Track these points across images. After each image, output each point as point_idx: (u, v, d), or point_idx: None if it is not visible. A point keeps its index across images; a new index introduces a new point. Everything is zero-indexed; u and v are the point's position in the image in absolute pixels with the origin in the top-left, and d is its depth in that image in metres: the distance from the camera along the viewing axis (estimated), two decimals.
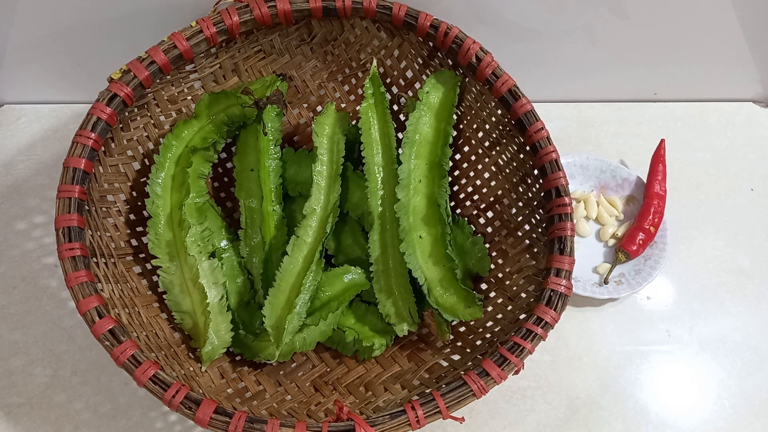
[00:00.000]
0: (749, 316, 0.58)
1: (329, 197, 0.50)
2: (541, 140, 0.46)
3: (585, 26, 0.62)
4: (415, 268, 0.49)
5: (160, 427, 0.50)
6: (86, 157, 0.42)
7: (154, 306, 0.49)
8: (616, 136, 0.69)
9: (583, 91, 0.70)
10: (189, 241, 0.48)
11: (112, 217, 0.48)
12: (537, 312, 0.42)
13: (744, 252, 0.62)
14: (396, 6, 0.49)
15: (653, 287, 0.59)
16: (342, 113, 0.53)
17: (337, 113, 0.53)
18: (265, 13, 0.48)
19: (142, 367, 0.38)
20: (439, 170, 0.51)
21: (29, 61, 0.62)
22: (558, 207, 0.45)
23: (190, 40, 0.46)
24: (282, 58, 0.54)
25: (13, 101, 0.67)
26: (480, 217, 0.55)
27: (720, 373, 0.55)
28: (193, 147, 0.49)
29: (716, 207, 0.64)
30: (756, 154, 0.68)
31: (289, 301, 0.47)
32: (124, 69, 0.45)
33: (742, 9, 0.61)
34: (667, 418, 0.53)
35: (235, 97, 0.50)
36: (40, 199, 0.61)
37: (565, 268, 0.43)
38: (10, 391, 0.51)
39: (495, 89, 0.48)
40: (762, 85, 0.70)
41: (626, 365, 0.55)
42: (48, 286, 0.56)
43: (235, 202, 0.57)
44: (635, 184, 0.63)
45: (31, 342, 0.54)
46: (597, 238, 0.62)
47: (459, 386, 0.39)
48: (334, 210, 0.50)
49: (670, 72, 0.68)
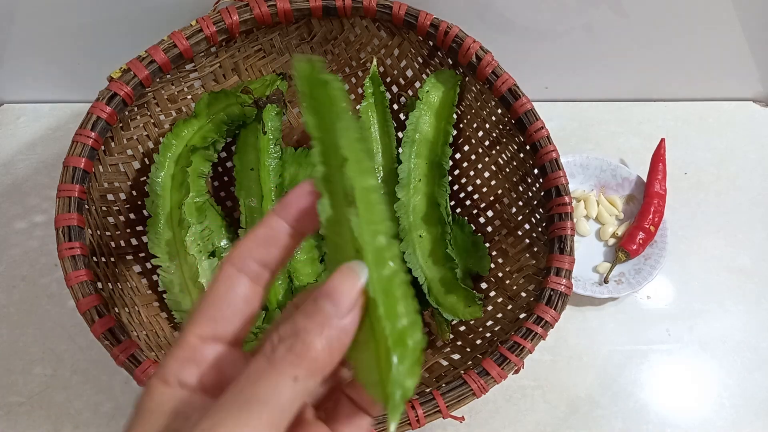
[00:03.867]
0: (749, 315, 0.58)
1: None
2: (541, 139, 0.46)
3: (585, 25, 0.62)
4: (415, 267, 0.49)
5: None
6: (86, 156, 0.42)
7: (154, 305, 0.49)
8: (616, 136, 0.69)
9: (584, 90, 0.70)
10: (189, 240, 0.48)
11: (112, 216, 0.48)
12: (537, 311, 0.42)
13: (744, 251, 0.62)
14: (396, 5, 0.49)
15: (653, 286, 0.59)
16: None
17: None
18: (265, 12, 0.47)
19: (142, 366, 0.38)
20: (439, 169, 0.51)
21: (29, 60, 0.62)
22: (558, 206, 0.45)
23: (190, 39, 0.46)
24: (282, 57, 0.54)
25: (13, 100, 0.67)
26: (480, 216, 0.55)
27: (720, 373, 0.55)
28: (192, 146, 0.49)
29: (716, 206, 0.64)
30: (756, 153, 0.68)
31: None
32: (124, 68, 0.45)
33: (742, 9, 0.61)
34: (667, 417, 0.53)
35: (235, 96, 0.50)
36: (40, 198, 0.60)
37: (565, 267, 0.43)
38: (10, 390, 0.51)
39: (495, 88, 0.48)
40: (762, 84, 0.70)
41: (626, 364, 0.55)
42: (48, 286, 0.56)
43: (235, 202, 0.57)
44: (635, 184, 0.63)
45: (31, 341, 0.54)
46: (597, 237, 0.62)
47: (459, 385, 0.39)
48: None
49: (670, 71, 0.68)
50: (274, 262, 0.21)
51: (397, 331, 0.19)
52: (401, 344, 0.19)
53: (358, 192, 0.20)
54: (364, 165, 0.20)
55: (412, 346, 0.19)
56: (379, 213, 0.20)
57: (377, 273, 0.20)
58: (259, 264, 0.21)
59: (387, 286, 0.20)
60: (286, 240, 0.21)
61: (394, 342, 0.19)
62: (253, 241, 0.21)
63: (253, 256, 0.21)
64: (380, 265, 0.20)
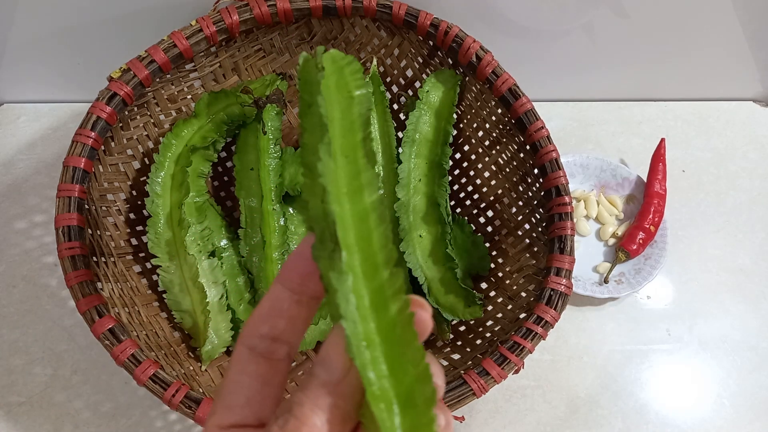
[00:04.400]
0: (749, 315, 0.58)
1: None
2: (541, 139, 0.46)
3: (585, 25, 0.62)
4: (415, 267, 0.49)
5: (160, 426, 0.50)
6: (86, 156, 0.42)
7: (154, 305, 0.49)
8: (616, 135, 0.69)
9: (584, 90, 0.70)
10: (189, 240, 0.48)
11: (111, 216, 0.48)
12: (537, 311, 0.42)
13: (744, 251, 0.62)
14: (396, 5, 0.49)
15: (653, 286, 0.59)
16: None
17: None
18: (265, 11, 0.47)
19: (142, 366, 0.38)
20: (439, 169, 0.51)
21: (29, 59, 0.62)
22: (558, 206, 0.45)
23: (190, 39, 0.46)
24: (282, 57, 0.54)
25: (13, 100, 0.67)
26: (480, 216, 0.55)
27: (720, 372, 0.55)
28: (192, 146, 0.49)
29: (716, 206, 0.64)
30: (756, 153, 0.68)
31: None
32: (124, 68, 0.45)
33: (742, 9, 0.61)
34: (667, 417, 0.53)
35: (235, 96, 0.50)
36: (40, 198, 0.60)
37: (565, 267, 0.43)
38: (10, 390, 0.51)
39: (495, 88, 0.48)
40: (762, 84, 0.70)
41: (626, 364, 0.55)
42: (48, 285, 0.56)
43: (235, 201, 0.57)
44: (635, 184, 0.63)
45: (31, 341, 0.54)
46: (597, 237, 0.62)
47: (459, 385, 0.39)
48: None
49: (670, 71, 0.68)
50: (285, 334, 0.20)
51: (405, 388, 0.17)
52: (410, 404, 0.17)
53: (347, 219, 0.17)
54: (358, 180, 0.18)
55: (421, 404, 0.17)
56: (378, 241, 0.18)
57: (376, 319, 0.17)
58: (268, 339, 0.20)
59: (390, 333, 0.18)
60: (292, 309, 0.20)
61: (402, 402, 0.17)
62: (258, 317, 0.20)
63: (260, 333, 0.20)
64: (380, 308, 0.18)
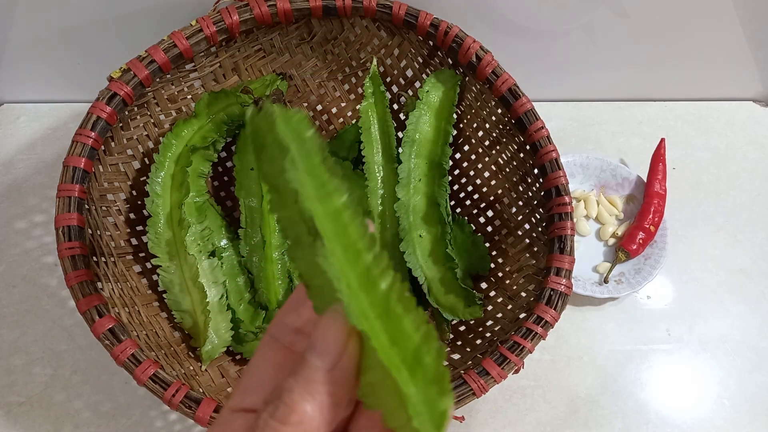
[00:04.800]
0: (749, 315, 0.58)
1: None
2: (541, 139, 0.46)
3: (585, 25, 0.62)
4: (415, 267, 0.49)
5: (160, 426, 0.50)
6: (86, 156, 0.42)
7: (154, 305, 0.49)
8: (616, 135, 0.69)
9: (584, 90, 0.70)
10: (189, 240, 0.48)
11: (111, 216, 0.48)
12: (537, 311, 0.42)
13: (744, 251, 0.62)
14: (396, 5, 0.49)
15: (653, 286, 0.59)
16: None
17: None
18: (265, 12, 0.47)
19: (142, 366, 0.38)
20: (439, 169, 0.51)
21: (29, 59, 0.62)
22: (558, 206, 0.45)
23: (190, 39, 0.46)
24: (282, 57, 0.54)
25: (13, 100, 0.67)
26: (480, 216, 0.55)
27: (720, 372, 0.55)
28: (192, 146, 0.49)
29: (716, 206, 0.64)
30: (756, 153, 0.68)
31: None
32: (124, 68, 0.45)
33: (742, 9, 0.61)
34: (667, 417, 0.53)
35: (235, 96, 0.50)
36: (40, 198, 0.60)
37: (565, 267, 0.43)
38: (10, 390, 0.51)
39: (495, 88, 0.48)
40: (762, 84, 0.70)
41: (626, 364, 0.55)
42: (48, 285, 0.56)
43: (235, 201, 0.57)
44: (635, 184, 0.63)
45: (31, 341, 0.54)
46: (597, 237, 0.62)
47: (459, 385, 0.39)
48: None
49: (670, 71, 0.68)
50: (308, 325, 0.20)
51: (411, 353, 0.17)
52: (418, 365, 0.17)
53: (321, 218, 0.18)
54: (325, 188, 0.18)
55: (431, 362, 0.17)
56: (356, 231, 0.18)
57: (368, 297, 0.18)
58: (292, 330, 0.20)
59: (384, 307, 0.18)
60: None
61: (410, 367, 0.17)
62: (286, 308, 0.21)
63: (287, 323, 0.20)
64: (369, 287, 0.18)
